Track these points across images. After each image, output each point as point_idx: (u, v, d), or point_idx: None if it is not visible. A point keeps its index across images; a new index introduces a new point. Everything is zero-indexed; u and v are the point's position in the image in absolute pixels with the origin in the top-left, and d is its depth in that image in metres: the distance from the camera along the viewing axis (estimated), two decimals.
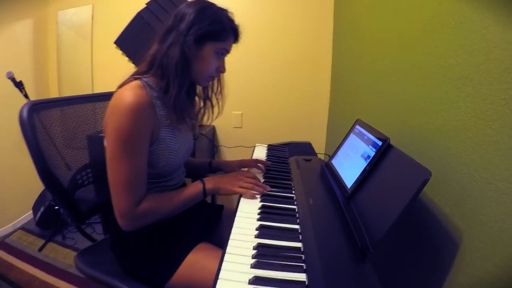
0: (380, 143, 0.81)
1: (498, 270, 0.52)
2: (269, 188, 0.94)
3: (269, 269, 0.60)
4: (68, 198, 1.04)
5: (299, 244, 0.69)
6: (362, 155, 0.87)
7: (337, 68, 1.98)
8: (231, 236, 0.70)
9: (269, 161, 1.26)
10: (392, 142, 0.79)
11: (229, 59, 0.94)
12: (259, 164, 1.16)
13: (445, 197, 0.70)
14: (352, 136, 1.02)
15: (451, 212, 0.68)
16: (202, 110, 1.03)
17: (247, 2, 2.02)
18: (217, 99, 1.03)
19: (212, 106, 1.03)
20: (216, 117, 1.05)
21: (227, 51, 0.91)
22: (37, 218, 2.15)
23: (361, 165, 0.84)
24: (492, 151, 0.56)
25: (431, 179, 0.72)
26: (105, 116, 0.83)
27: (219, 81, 1.00)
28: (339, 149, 1.06)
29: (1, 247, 2.06)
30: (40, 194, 2.28)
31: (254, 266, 0.60)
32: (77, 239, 2.14)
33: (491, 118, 0.57)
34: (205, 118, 1.04)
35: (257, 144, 1.54)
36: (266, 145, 1.53)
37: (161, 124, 0.85)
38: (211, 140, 2.27)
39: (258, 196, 0.92)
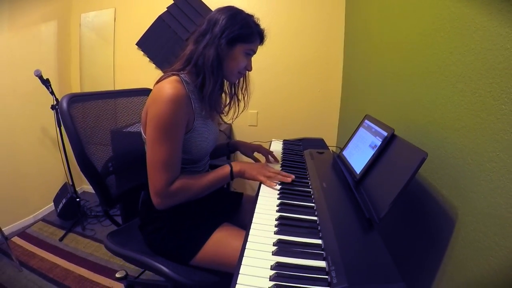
0: (385, 133, 0.92)
1: (487, 239, 0.62)
2: (290, 179, 1.03)
3: (290, 235, 0.72)
4: (101, 183, 1.16)
5: (315, 218, 0.81)
6: (370, 145, 0.98)
7: (348, 70, 2.10)
8: (256, 210, 0.82)
9: (285, 153, 1.38)
10: (396, 133, 0.91)
11: None
12: (270, 157, 1.28)
13: (443, 180, 0.81)
14: (361, 130, 1.14)
15: (448, 193, 0.79)
16: (229, 104, 1.15)
17: (262, 8, 2.17)
18: (243, 94, 1.15)
19: (239, 101, 1.16)
20: (242, 111, 1.17)
21: (254, 51, 1.04)
22: (59, 210, 2.29)
23: (369, 153, 0.95)
24: (481, 136, 0.67)
25: (431, 165, 0.85)
26: (145, 107, 0.96)
27: (245, 78, 1.13)
28: (350, 141, 1.18)
29: (22, 237, 2.18)
30: (61, 188, 2.43)
31: (277, 232, 0.72)
32: (97, 230, 2.28)
33: (479, 108, 0.68)
34: (232, 112, 1.16)
35: (273, 139, 1.67)
36: (282, 140, 1.66)
37: (196, 115, 0.98)
38: (229, 136, 2.41)
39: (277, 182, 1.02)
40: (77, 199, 2.27)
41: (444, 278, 0.75)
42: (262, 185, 1.02)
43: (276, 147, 1.53)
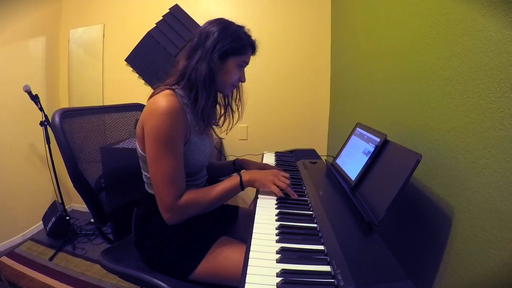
0: (378, 139, 0.93)
1: (486, 232, 0.63)
2: (296, 195, 0.97)
3: (292, 243, 0.70)
4: (95, 199, 1.13)
5: (315, 225, 0.80)
6: (363, 152, 0.99)
7: (336, 79, 2.12)
8: (255, 220, 0.81)
9: (278, 165, 1.37)
10: (389, 139, 0.92)
11: None
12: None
13: (437, 181, 0.82)
14: (353, 138, 1.15)
15: (442, 193, 0.80)
16: (223, 116, 1.14)
17: (248, 21, 2.16)
18: (237, 105, 1.15)
19: (233, 112, 1.15)
20: (237, 122, 1.16)
21: (246, 63, 1.03)
22: (48, 228, 2.20)
23: (363, 160, 0.96)
24: (471, 135, 0.69)
25: (425, 168, 0.86)
26: (140, 122, 0.94)
27: (238, 89, 1.12)
28: (342, 150, 1.19)
29: (10, 256, 2.09)
30: (50, 206, 2.35)
31: (278, 241, 0.71)
32: (87, 249, 2.19)
33: (468, 109, 0.70)
34: (226, 124, 1.15)
35: (265, 152, 1.66)
36: (274, 152, 1.65)
37: (191, 128, 0.96)
38: (219, 151, 2.39)
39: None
40: (67, 217, 2.19)
41: (446, 275, 0.75)
42: (259, 195, 1.00)
43: (269, 159, 1.52)
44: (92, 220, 2.46)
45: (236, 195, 1.01)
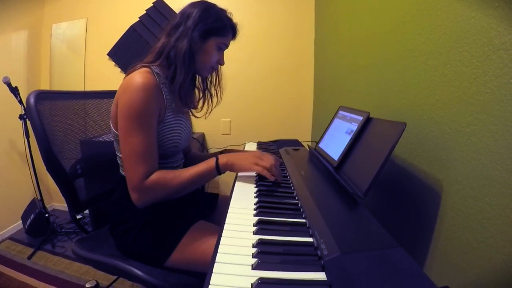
0: (361, 117, 0.89)
1: (477, 202, 0.58)
2: (281, 178, 0.89)
3: (271, 217, 0.64)
4: (69, 184, 1.05)
5: (296, 201, 0.74)
6: (346, 132, 0.94)
7: (319, 69, 2.08)
8: (234, 193, 0.75)
9: None
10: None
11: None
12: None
13: (423, 157, 0.78)
14: (336, 121, 1.10)
15: (429, 168, 0.75)
16: (202, 100, 1.09)
17: (231, 15, 2.14)
18: (215, 90, 1.10)
19: (212, 96, 1.10)
20: (215, 106, 1.11)
21: (226, 45, 0.99)
22: (27, 226, 2.09)
23: (346, 139, 0.91)
24: (456, 104, 0.65)
25: (410, 146, 0.82)
26: (114, 100, 0.88)
27: (217, 73, 1.08)
28: (325, 134, 1.14)
29: None
30: (29, 203, 2.23)
31: (256, 215, 0.65)
32: (67, 247, 2.08)
33: (452, 78, 0.66)
34: (205, 108, 1.10)
35: (247, 142, 1.60)
36: (256, 142, 1.59)
37: (167, 107, 0.91)
38: (202, 144, 2.31)
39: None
40: (46, 215, 2.07)
41: (437, 254, 0.70)
42: (238, 176, 0.94)
43: (250, 148, 1.46)
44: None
45: (218, 183, 0.95)
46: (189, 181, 0.86)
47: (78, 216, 1.18)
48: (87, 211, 2.23)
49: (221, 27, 0.94)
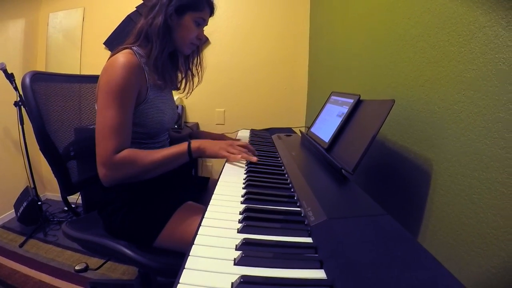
0: (351, 100, 0.88)
1: (467, 178, 0.58)
2: (256, 158, 0.88)
3: (258, 189, 0.64)
4: (61, 165, 1.03)
5: (285, 177, 0.73)
6: (337, 115, 0.94)
7: (314, 61, 2.06)
8: (224, 170, 0.74)
9: (252, 140, 1.30)
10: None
11: (212, 60, 1.02)
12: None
13: (413, 138, 0.78)
14: (328, 105, 1.10)
15: (419, 148, 0.75)
16: (184, 79, 1.11)
17: (227, 8, 2.05)
18: (197, 70, 1.11)
19: (193, 76, 1.11)
20: (197, 86, 1.13)
21: (204, 21, 0.98)
22: (19, 213, 2.05)
23: (337, 121, 0.90)
24: (445, 83, 0.65)
25: (400, 128, 0.82)
26: (98, 81, 0.88)
27: (198, 54, 1.09)
28: (317, 118, 1.13)
29: None
30: (22, 192, 2.19)
31: (244, 187, 0.64)
32: (59, 236, 2.03)
33: (440, 58, 0.66)
34: (187, 87, 1.12)
35: (240, 129, 1.59)
36: (249, 130, 1.58)
37: (148, 86, 0.91)
38: None
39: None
40: (39, 203, 2.04)
41: (427, 235, 0.70)
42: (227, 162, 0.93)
43: (243, 135, 1.45)
44: (66, 208, 2.30)
45: (211, 171, 0.94)
46: (160, 162, 0.84)
47: (72, 206, 1.16)
48: (80, 201, 2.22)
49: (196, 2, 0.93)
